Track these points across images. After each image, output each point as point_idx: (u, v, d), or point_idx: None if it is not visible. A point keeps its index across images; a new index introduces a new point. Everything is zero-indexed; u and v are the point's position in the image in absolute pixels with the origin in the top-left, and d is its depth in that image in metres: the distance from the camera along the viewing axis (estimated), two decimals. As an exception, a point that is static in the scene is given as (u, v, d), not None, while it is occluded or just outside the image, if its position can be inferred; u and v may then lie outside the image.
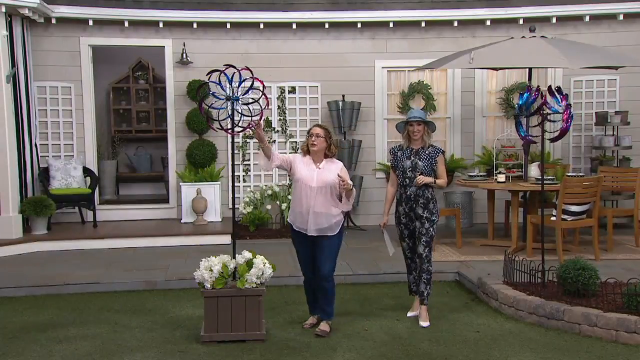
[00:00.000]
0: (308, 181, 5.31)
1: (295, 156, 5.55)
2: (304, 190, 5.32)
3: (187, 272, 6.44)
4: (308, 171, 5.36)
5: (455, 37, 10.28)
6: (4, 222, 8.64)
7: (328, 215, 5.31)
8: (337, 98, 10.13)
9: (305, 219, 5.33)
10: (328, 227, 5.34)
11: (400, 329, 5.59)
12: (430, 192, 5.71)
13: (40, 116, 9.93)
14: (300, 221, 5.39)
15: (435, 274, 7.19)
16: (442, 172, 5.73)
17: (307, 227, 5.34)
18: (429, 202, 5.69)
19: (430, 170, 5.68)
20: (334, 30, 10.33)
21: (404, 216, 5.80)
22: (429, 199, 5.69)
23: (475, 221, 10.28)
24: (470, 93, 10.54)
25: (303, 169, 5.38)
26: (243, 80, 5.26)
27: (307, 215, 5.31)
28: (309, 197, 5.30)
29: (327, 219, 5.32)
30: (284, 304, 6.27)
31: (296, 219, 5.43)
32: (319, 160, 5.39)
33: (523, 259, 6.35)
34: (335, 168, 5.37)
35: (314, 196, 5.28)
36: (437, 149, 5.75)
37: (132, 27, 9.99)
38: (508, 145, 9.83)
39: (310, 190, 5.29)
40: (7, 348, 5.16)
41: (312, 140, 5.36)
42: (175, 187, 10.31)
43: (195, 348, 5.13)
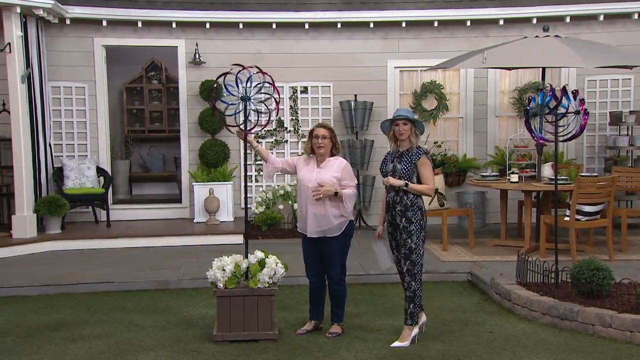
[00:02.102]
0: (307, 182, 5.27)
1: (300, 157, 5.53)
2: (304, 191, 5.29)
3: (200, 272, 6.46)
4: (308, 172, 5.32)
5: (468, 36, 10.24)
6: (19, 221, 8.71)
7: (328, 216, 5.20)
8: (349, 98, 10.12)
9: (305, 221, 5.29)
10: (328, 229, 5.23)
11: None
12: (411, 198, 5.09)
13: (54, 116, 9.99)
14: (302, 222, 5.37)
15: (447, 274, 7.27)
16: (426, 177, 5.11)
17: (306, 228, 5.29)
18: (408, 209, 5.08)
19: (410, 174, 5.10)
20: (346, 30, 10.32)
21: (389, 225, 5.28)
22: (408, 206, 5.08)
23: (487, 221, 10.25)
24: (483, 93, 10.51)
25: (304, 169, 5.35)
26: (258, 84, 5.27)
27: (306, 216, 5.26)
28: (307, 197, 5.23)
29: (327, 220, 5.21)
30: (296, 303, 6.27)
31: (299, 220, 5.44)
32: (322, 160, 5.32)
33: (536, 259, 6.31)
34: (336, 166, 5.27)
35: (311, 197, 5.19)
36: (420, 150, 5.14)
37: (146, 28, 10.03)
38: (521, 145, 9.79)
39: (308, 190, 5.23)
40: (22, 347, 5.20)
41: (318, 143, 5.25)
42: (188, 187, 10.34)
43: (208, 347, 5.15)
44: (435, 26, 10.22)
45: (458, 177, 10.34)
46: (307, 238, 5.34)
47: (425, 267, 7.18)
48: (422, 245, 5.16)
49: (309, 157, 5.41)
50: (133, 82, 13.28)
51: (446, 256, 7.95)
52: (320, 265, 5.41)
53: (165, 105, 13.32)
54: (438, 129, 10.62)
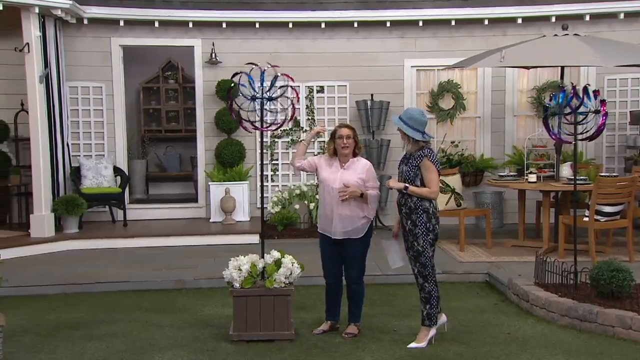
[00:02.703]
0: (331, 182, 5.27)
1: (321, 157, 5.54)
2: (328, 192, 5.29)
3: (216, 272, 6.47)
4: (332, 172, 5.32)
5: (486, 35, 10.20)
6: (37, 220, 8.80)
7: (353, 217, 5.24)
8: (365, 97, 10.12)
9: (330, 222, 5.29)
10: (353, 230, 5.27)
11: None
12: (414, 201, 5.05)
13: (72, 116, 10.09)
14: (325, 224, 5.36)
15: (465, 275, 7.25)
16: (428, 180, 5.05)
17: (332, 230, 5.29)
18: (412, 212, 5.06)
19: (413, 177, 5.08)
20: (363, 30, 10.32)
21: (401, 227, 5.28)
22: (412, 209, 5.06)
23: (505, 222, 10.20)
24: (501, 92, 10.46)
25: (327, 170, 5.35)
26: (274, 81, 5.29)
27: (331, 218, 5.26)
28: (333, 199, 5.24)
29: (352, 222, 5.25)
30: (312, 303, 6.28)
31: (322, 221, 5.41)
32: (345, 161, 5.33)
33: (555, 260, 6.28)
34: (360, 167, 5.31)
35: (337, 198, 5.21)
36: (423, 153, 5.07)
37: (162, 27, 10.10)
38: (539, 145, 9.74)
39: (333, 191, 5.24)
40: (40, 345, 5.25)
41: (343, 143, 5.26)
42: (204, 187, 10.39)
43: (225, 347, 5.17)
44: (452, 25, 10.19)
45: (475, 177, 10.30)
46: (328, 239, 5.35)
47: (442, 268, 7.26)
48: (429, 247, 5.10)
49: (331, 157, 5.40)
50: (150, 81, 13.37)
51: (463, 257, 7.93)
52: (339, 267, 5.43)
53: (182, 105, 13.40)
54: (455, 128, 10.59)
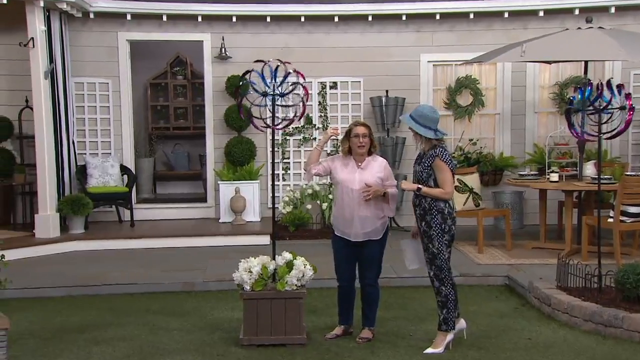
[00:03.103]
0: (350, 184, 5.24)
1: (334, 158, 5.50)
2: (346, 194, 5.26)
3: (226, 274, 6.48)
4: (349, 173, 5.29)
5: (506, 29, 10.14)
6: (42, 220, 8.84)
7: (373, 218, 5.24)
8: (380, 94, 10.09)
9: (349, 224, 5.26)
10: (373, 231, 5.27)
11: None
12: (429, 201, 5.02)
13: (78, 113, 10.12)
14: (343, 226, 5.32)
15: (483, 278, 7.21)
16: (442, 180, 5.01)
17: (351, 232, 5.27)
18: (426, 213, 5.03)
19: (426, 177, 5.07)
20: (378, 23, 10.29)
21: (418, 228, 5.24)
22: (426, 210, 5.03)
23: (525, 222, 10.14)
24: (522, 88, 10.39)
25: (344, 171, 5.32)
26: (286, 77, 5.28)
27: (351, 220, 5.24)
28: (352, 200, 5.21)
29: (372, 223, 5.24)
30: (325, 307, 6.27)
31: (339, 224, 5.37)
32: (361, 160, 5.31)
33: (578, 262, 6.23)
34: (378, 166, 5.31)
35: (357, 199, 5.20)
36: (435, 152, 5.03)
37: (171, 22, 10.12)
38: (561, 143, 9.66)
39: (352, 193, 5.21)
40: (46, 349, 5.27)
41: (359, 141, 5.25)
42: (213, 186, 10.41)
43: (235, 352, 5.17)
44: (470, 18, 10.14)
45: (494, 176, 10.25)
46: (345, 241, 5.33)
47: (459, 270, 7.23)
48: (445, 249, 5.05)
49: (346, 157, 5.38)
50: (157, 77, 13.39)
51: (482, 259, 7.89)
52: (353, 269, 5.42)
53: (191, 102, 13.41)
54: (473, 125, 10.55)
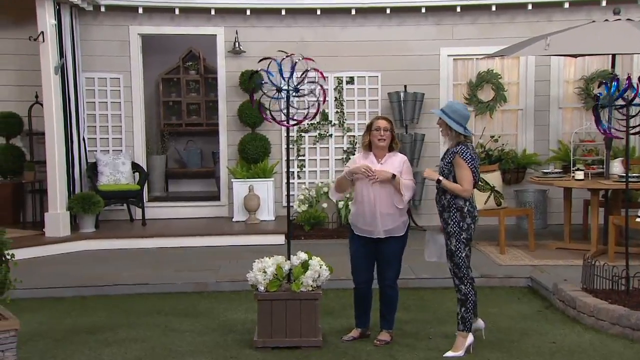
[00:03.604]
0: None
1: (354, 158, 5.53)
2: (366, 190, 5.25)
3: (239, 274, 6.50)
4: None
5: (530, 21, 10.09)
6: (52, 219, 8.91)
7: (395, 214, 5.25)
8: (398, 89, 10.08)
9: (370, 222, 5.26)
10: (395, 228, 5.27)
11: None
12: (448, 199, 5.11)
13: (88, 109, 10.19)
14: (362, 223, 5.32)
15: (505, 279, 7.18)
16: (460, 177, 5.08)
17: (373, 229, 5.26)
18: (445, 210, 5.12)
19: (447, 173, 5.15)
20: (396, 16, 10.27)
21: None
22: (445, 207, 5.12)
23: (549, 222, 10.09)
24: (545, 82, 10.33)
25: None
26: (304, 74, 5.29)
27: (372, 216, 5.24)
28: (372, 196, 5.22)
29: (393, 220, 5.25)
30: (341, 308, 6.27)
31: (358, 221, 5.36)
32: (382, 155, 5.32)
33: (604, 264, 6.18)
34: (398, 162, 5.30)
35: (378, 194, 5.20)
36: (455, 150, 5.11)
37: (183, 15, 10.16)
38: (587, 140, 9.60)
39: (372, 188, 5.22)
40: (56, 350, 5.31)
41: (380, 135, 5.26)
42: (227, 184, 10.44)
43: (248, 354, 5.18)
44: (492, 10, 10.09)
45: (517, 174, 10.20)
46: (363, 240, 5.34)
47: (480, 271, 7.22)
48: (463, 247, 5.09)
49: (366, 152, 5.39)
50: (170, 72, 13.47)
51: (503, 259, 7.85)
52: (371, 270, 5.42)
53: (203, 97, 13.48)
54: (495, 122, 10.50)
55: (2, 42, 9.93)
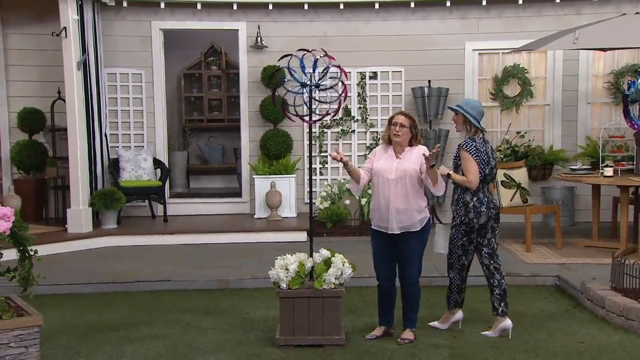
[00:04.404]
0: (386, 173, 5.22)
1: (375, 150, 5.50)
2: (382, 183, 5.23)
3: (261, 271, 6.52)
4: (387, 162, 5.27)
5: (557, 14, 9.99)
6: (74, 215, 8.99)
7: (410, 210, 5.19)
8: (422, 84, 10.02)
9: (385, 216, 5.24)
10: (411, 224, 5.21)
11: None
12: (459, 193, 5.48)
13: (110, 104, 10.26)
14: (378, 218, 5.30)
15: (532, 278, 7.14)
16: (465, 169, 5.40)
17: (387, 224, 5.24)
18: (453, 203, 5.53)
19: (455, 167, 5.55)
20: (420, 10, 10.21)
21: None
22: (453, 201, 5.53)
23: (577, 220, 10.00)
24: (574, 77, 10.22)
25: (381, 159, 5.31)
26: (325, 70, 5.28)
27: (386, 211, 5.21)
28: (388, 190, 5.19)
29: (409, 215, 5.19)
30: (364, 306, 6.26)
31: (375, 216, 5.36)
32: (400, 151, 5.28)
33: (634, 262, 6.09)
34: (416, 153, 5.22)
35: (394, 189, 5.17)
36: (461, 144, 5.46)
37: (205, 10, 10.18)
38: (617, 135, 9.48)
39: (388, 182, 5.19)
40: (79, 347, 5.37)
41: (395, 130, 5.22)
42: (248, 180, 10.46)
43: (271, 352, 5.19)
44: (519, 4, 10.00)
45: (544, 170, 10.12)
46: (382, 236, 5.31)
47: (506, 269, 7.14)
48: (460, 237, 5.53)
49: (387, 145, 5.37)
50: (191, 68, 13.52)
51: (530, 257, 7.79)
52: (393, 267, 5.39)
53: (225, 93, 13.51)
54: (521, 117, 10.42)
55: (25, 38, 10.05)
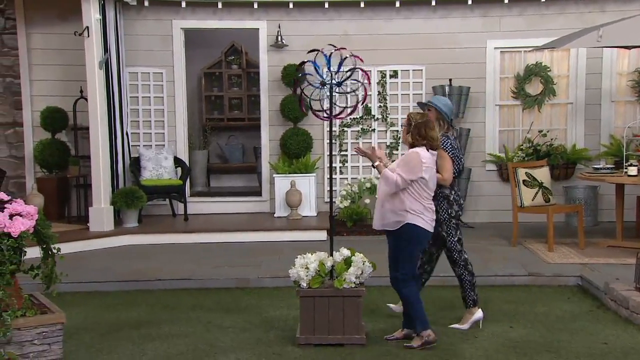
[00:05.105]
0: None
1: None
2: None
3: (281, 270, 6.55)
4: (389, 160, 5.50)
5: (581, 12, 9.91)
6: (96, 213, 9.07)
7: (385, 210, 5.20)
8: (443, 82, 9.99)
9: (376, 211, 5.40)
10: (386, 223, 5.23)
11: (514, 337, 5.46)
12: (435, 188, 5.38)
13: (132, 103, 10.34)
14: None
15: (554, 278, 7.10)
16: (440, 166, 5.45)
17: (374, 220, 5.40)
18: (433, 199, 5.35)
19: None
20: (442, 8, 10.18)
21: None
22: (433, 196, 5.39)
23: (600, 219, 9.92)
24: (597, 75, 10.13)
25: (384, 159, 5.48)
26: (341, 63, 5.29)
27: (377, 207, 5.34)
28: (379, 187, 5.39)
29: (384, 215, 5.22)
30: (384, 306, 6.25)
31: None
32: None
33: (659, 263, 6.04)
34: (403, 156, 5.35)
35: (381, 187, 5.29)
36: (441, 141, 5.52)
37: (226, 9, 10.22)
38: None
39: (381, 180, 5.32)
40: (101, 344, 5.42)
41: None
42: (268, 179, 10.49)
43: (291, 351, 5.21)
44: (542, 1, 9.94)
45: (566, 169, 10.05)
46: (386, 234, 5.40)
47: (528, 269, 7.17)
48: (454, 232, 5.65)
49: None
50: (212, 67, 13.57)
51: (552, 257, 7.74)
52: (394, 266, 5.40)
53: (245, 92, 13.56)
54: (543, 116, 10.35)
55: (48, 37, 10.16)
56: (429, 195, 5.19)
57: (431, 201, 5.22)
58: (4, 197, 4.66)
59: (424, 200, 5.15)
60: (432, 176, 5.19)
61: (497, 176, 10.27)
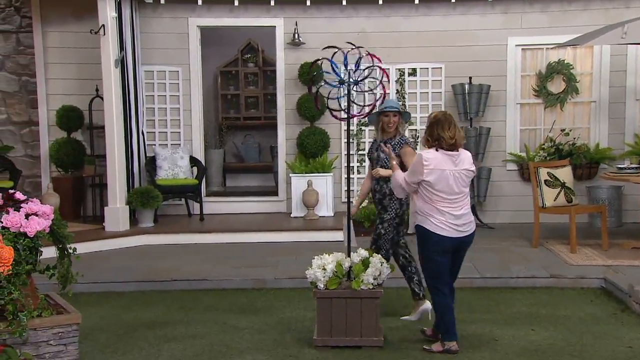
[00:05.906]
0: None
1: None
2: None
3: (298, 270, 6.55)
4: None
5: (605, 8, 9.84)
6: (112, 213, 9.13)
7: (412, 212, 5.34)
8: (463, 81, 9.96)
9: None
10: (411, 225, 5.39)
11: (536, 340, 5.43)
12: (389, 188, 5.61)
13: (147, 102, 10.38)
14: None
15: (576, 280, 7.05)
16: (408, 164, 5.49)
17: None
18: (385, 197, 5.78)
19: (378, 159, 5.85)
20: (461, 5, 10.14)
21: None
22: (386, 195, 5.77)
23: (624, 220, 9.85)
24: (622, 73, 10.04)
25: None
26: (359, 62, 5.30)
27: None
28: None
29: (411, 217, 5.47)
30: (402, 307, 6.24)
31: None
32: None
33: (684, 265, 6.00)
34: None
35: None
36: (402, 140, 5.82)
37: (242, 6, 10.24)
38: (667, 133, 9.31)
39: None
40: (117, 345, 5.46)
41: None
42: (285, 179, 10.50)
43: (308, 353, 5.22)
44: (565, -3, 9.89)
45: (589, 169, 9.97)
46: None
47: (549, 271, 7.12)
48: (392, 231, 5.81)
49: None
50: (228, 65, 13.60)
51: (574, 259, 7.68)
52: None
53: (262, 90, 13.58)
54: (566, 114, 10.27)
55: (64, 35, 10.24)
56: (443, 199, 4.99)
57: (450, 204, 5.00)
58: (20, 196, 4.70)
59: (437, 202, 4.99)
60: (440, 178, 4.98)
61: (518, 176, 10.22)
